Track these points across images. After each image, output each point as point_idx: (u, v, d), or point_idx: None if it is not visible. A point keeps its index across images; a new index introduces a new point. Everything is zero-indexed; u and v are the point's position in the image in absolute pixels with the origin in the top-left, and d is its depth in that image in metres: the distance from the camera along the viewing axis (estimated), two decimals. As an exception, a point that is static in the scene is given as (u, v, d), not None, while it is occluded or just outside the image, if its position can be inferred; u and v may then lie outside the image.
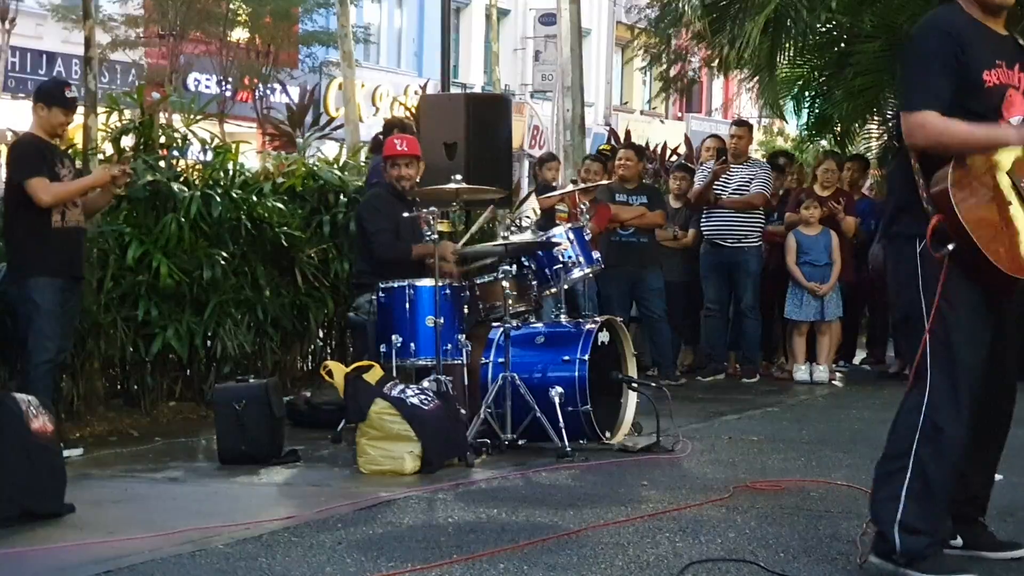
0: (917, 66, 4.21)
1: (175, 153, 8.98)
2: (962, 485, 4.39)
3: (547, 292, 7.81)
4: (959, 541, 4.53)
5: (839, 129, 15.11)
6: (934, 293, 4.15)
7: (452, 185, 7.47)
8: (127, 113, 8.85)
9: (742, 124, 11.74)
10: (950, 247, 4.09)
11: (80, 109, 8.41)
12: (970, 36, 4.23)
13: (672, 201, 11.54)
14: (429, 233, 7.32)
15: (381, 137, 9.67)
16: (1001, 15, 4.35)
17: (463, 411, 7.07)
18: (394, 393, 6.60)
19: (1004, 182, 4.18)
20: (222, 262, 8.48)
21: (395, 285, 7.33)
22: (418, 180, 7.94)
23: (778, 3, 12.28)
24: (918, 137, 4.15)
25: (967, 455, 4.32)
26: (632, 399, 7.63)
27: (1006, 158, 4.20)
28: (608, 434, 7.32)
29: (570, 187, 10.08)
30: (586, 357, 7.18)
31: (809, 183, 12.14)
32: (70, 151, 8.37)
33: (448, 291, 7.31)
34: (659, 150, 18.12)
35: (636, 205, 10.64)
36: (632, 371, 7.69)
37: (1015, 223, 4.17)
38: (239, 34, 23.39)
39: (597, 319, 7.61)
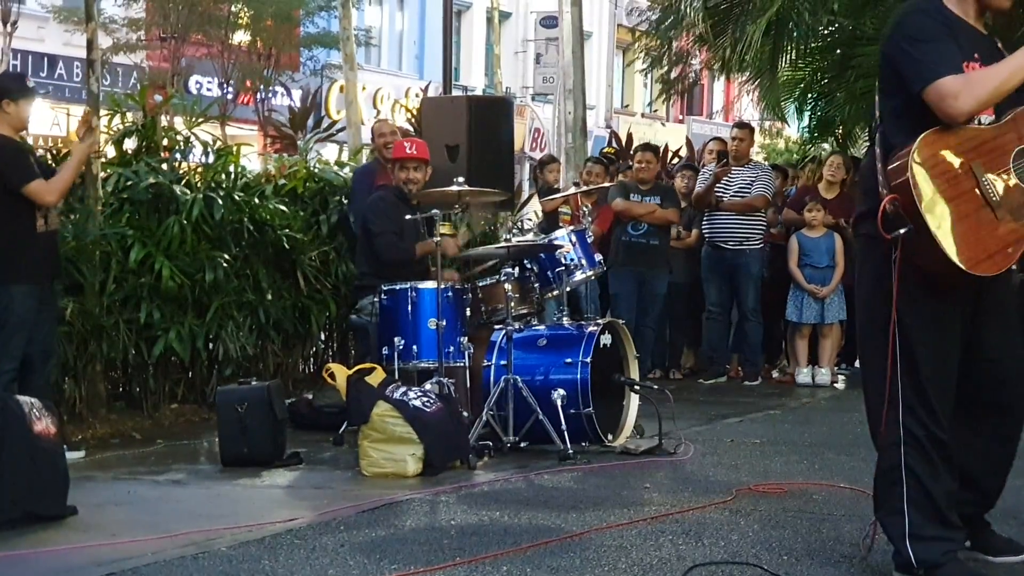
0: (916, 41, 4.07)
1: (177, 156, 8.98)
2: (965, 485, 4.38)
3: (549, 294, 7.82)
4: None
5: (841, 132, 15.11)
6: (907, 302, 4.11)
7: (454, 187, 7.47)
8: (129, 116, 8.85)
9: (743, 126, 11.73)
10: (902, 231, 4.01)
11: (82, 111, 8.43)
12: (952, 24, 4.17)
13: (679, 200, 11.54)
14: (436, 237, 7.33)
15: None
16: (983, 15, 4.30)
17: (465, 413, 7.06)
18: (396, 395, 6.60)
19: (978, 177, 4.08)
20: (224, 264, 8.48)
21: (397, 287, 7.34)
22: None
23: (780, 6, 12.27)
24: (962, 102, 3.96)
25: (966, 455, 4.31)
26: (634, 402, 7.64)
27: (970, 144, 4.09)
28: (610, 436, 7.32)
29: (573, 189, 10.09)
30: (588, 359, 7.18)
31: (813, 182, 12.16)
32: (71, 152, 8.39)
33: (450, 293, 7.32)
34: (660, 152, 18.10)
35: (650, 204, 10.66)
36: (634, 373, 7.69)
37: (981, 217, 4.07)
38: (240, 37, 23.39)
39: (599, 321, 7.61)
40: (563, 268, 7.68)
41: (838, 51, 14.06)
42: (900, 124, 4.15)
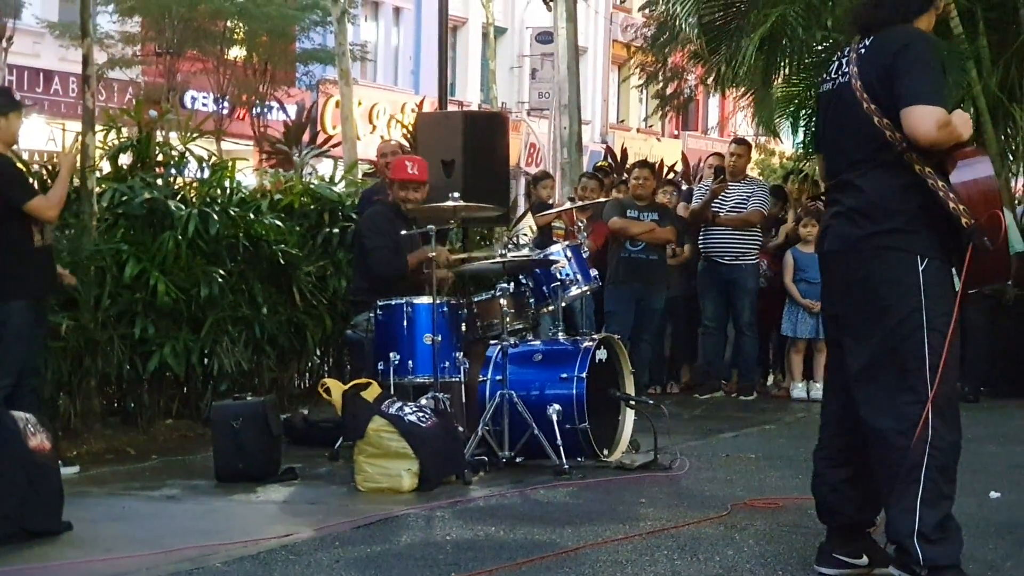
0: (929, 66, 4.26)
1: (172, 171, 8.98)
2: (869, 502, 4.50)
3: (545, 310, 7.82)
4: (864, 560, 4.57)
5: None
6: (936, 312, 4.25)
7: (450, 203, 7.47)
8: (124, 131, 8.85)
9: (741, 143, 11.77)
10: (987, 240, 4.18)
11: (77, 126, 8.44)
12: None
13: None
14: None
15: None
16: None
17: (461, 428, 7.06)
18: (392, 411, 6.59)
19: None
20: (219, 280, 8.47)
21: (393, 303, 7.33)
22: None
23: (774, 22, 12.31)
24: (945, 134, 4.16)
25: (861, 471, 4.46)
26: (630, 417, 7.63)
27: None
28: (606, 451, 7.32)
29: (568, 204, 10.10)
30: (584, 375, 7.18)
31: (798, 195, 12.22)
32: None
33: (446, 309, 7.32)
34: (655, 168, 18.15)
35: (647, 221, 10.67)
36: (630, 389, 7.68)
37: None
38: (236, 52, 23.44)
39: (595, 336, 7.62)
40: (558, 283, 7.67)
41: (832, 67, 14.08)
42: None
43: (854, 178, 4.41)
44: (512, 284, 7.56)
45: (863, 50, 4.41)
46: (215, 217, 8.52)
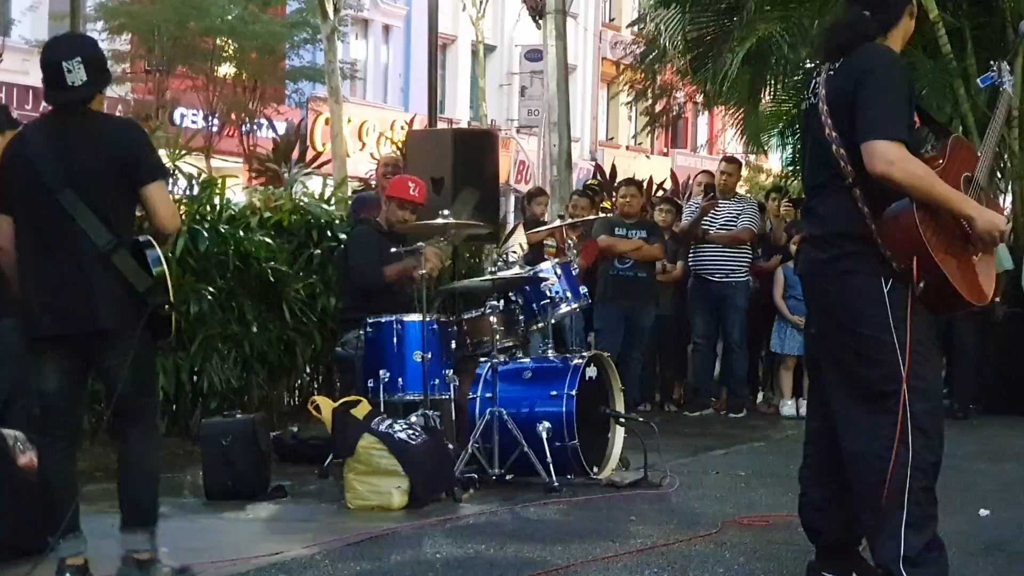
0: (888, 95, 4.21)
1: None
2: (854, 521, 4.47)
3: (534, 327, 7.82)
4: None
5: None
6: (906, 331, 4.23)
7: (440, 220, 7.48)
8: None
9: (732, 161, 11.83)
10: (921, 284, 4.18)
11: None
12: (911, 84, 4.40)
13: (658, 234, 11.58)
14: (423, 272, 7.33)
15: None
16: None
17: (451, 446, 7.06)
18: (382, 428, 6.59)
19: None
20: (209, 297, 8.45)
21: (383, 320, 7.33)
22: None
23: (758, 39, 12.35)
24: (895, 169, 4.11)
25: (845, 489, 4.44)
26: (620, 434, 7.63)
27: None
28: (596, 469, 7.31)
29: (558, 222, 10.12)
30: (573, 392, 7.18)
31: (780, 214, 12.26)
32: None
33: (436, 326, 7.33)
34: (645, 185, 18.19)
35: (635, 239, 10.69)
36: (620, 406, 7.68)
37: (966, 253, 4.33)
38: (225, 70, 23.45)
39: (584, 354, 7.62)
40: (548, 301, 7.68)
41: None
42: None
43: (815, 204, 4.45)
44: (502, 301, 7.57)
45: (832, 72, 4.39)
46: (205, 234, 8.50)
